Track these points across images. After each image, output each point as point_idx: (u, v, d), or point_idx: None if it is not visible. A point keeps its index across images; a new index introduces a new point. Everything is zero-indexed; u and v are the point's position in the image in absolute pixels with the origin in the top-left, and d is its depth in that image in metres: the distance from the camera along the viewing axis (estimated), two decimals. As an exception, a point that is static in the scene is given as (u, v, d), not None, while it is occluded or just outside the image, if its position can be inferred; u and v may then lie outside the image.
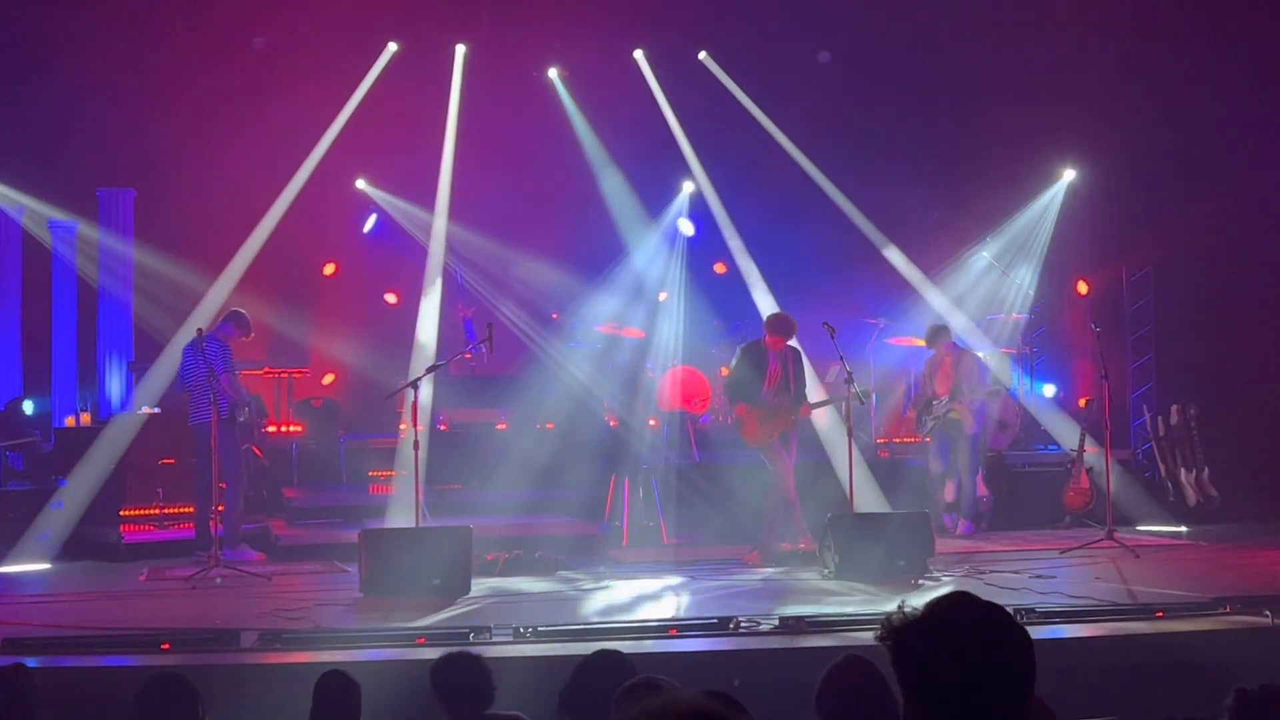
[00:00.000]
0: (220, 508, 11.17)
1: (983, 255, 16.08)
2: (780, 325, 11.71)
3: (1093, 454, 13.29)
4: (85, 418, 14.59)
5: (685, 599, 9.79)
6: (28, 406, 14.71)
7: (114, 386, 15.60)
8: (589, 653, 5.81)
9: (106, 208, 15.65)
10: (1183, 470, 14.13)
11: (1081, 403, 15.51)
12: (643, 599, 9.78)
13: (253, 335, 12.24)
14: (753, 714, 3.50)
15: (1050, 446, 15.07)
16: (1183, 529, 13.23)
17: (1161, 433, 14.45)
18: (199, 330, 11.50)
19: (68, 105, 13.98)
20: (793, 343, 11.71)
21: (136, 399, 14.37)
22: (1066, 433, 14.62)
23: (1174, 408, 14.43)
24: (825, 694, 4.42)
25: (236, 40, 14.37)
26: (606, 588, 10.34)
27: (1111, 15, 14.17)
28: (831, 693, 4.38)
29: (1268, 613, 8.34)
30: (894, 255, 15.78)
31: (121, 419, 13.69)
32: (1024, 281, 16.20)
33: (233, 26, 14.23)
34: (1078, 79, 14.47)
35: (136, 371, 15.11)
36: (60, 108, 14.02)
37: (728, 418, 14.41)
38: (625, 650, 6.11)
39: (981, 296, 16.11)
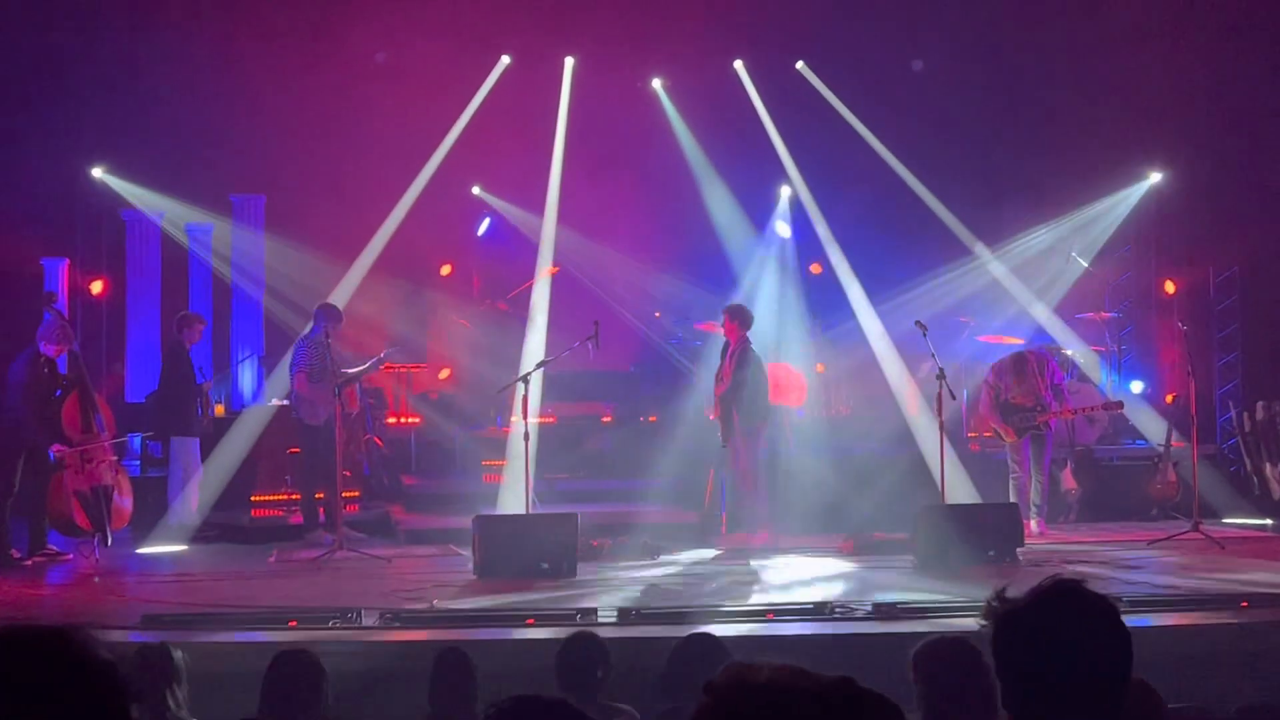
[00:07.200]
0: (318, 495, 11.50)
1: (1072, 256, 15.78)
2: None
3: (1180, 448, 13.06)
4: (219, 409, 14.76)
5: (780, 584, 9.75)
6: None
7: (246, 380, 15.85)
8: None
9: (240, 212, 15.92)
10: (1268, 464, 13.83)
11: (1169, 399, 15.26)
12: (740, 584, 9.74)
13: (343, 324, 12.27)
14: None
15: (1138, 441, 14.79)
16: (1267, 521, 12.96)
17: (1247, 428, 14.16)
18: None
19: (203, 116, 14.23)
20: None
21: (267, 392, 14.56)
22: (1154, 427, 14.39)
23: (1259, 404, 14.14)
24: (922, 659, 4.39)
25: (361, 55, 14.50)
26: (706, 573, 10.34)
27: (1199, 21, 13.85)
28: (930, 658, 4.35)
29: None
30: (983, 253, 15.59)
31: (253, 410, 13.90)
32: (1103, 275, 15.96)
33: (356, 42, 14.37)
34: (1166, 84, 14.16)
35: (267, 366, 15.33)
36: (196, 118, 14.27)
37: (827, 410, 14.41)
38: (723, 634, 6.11)
39: (1069, 295, 15.81)
